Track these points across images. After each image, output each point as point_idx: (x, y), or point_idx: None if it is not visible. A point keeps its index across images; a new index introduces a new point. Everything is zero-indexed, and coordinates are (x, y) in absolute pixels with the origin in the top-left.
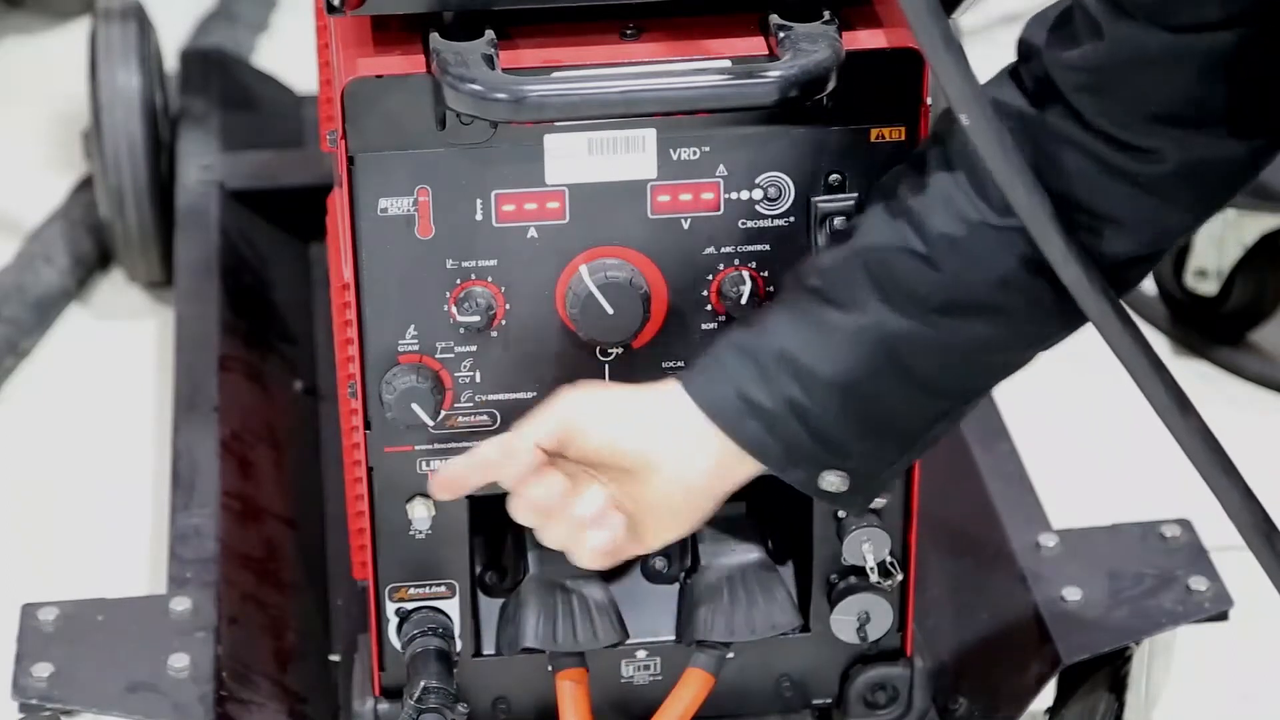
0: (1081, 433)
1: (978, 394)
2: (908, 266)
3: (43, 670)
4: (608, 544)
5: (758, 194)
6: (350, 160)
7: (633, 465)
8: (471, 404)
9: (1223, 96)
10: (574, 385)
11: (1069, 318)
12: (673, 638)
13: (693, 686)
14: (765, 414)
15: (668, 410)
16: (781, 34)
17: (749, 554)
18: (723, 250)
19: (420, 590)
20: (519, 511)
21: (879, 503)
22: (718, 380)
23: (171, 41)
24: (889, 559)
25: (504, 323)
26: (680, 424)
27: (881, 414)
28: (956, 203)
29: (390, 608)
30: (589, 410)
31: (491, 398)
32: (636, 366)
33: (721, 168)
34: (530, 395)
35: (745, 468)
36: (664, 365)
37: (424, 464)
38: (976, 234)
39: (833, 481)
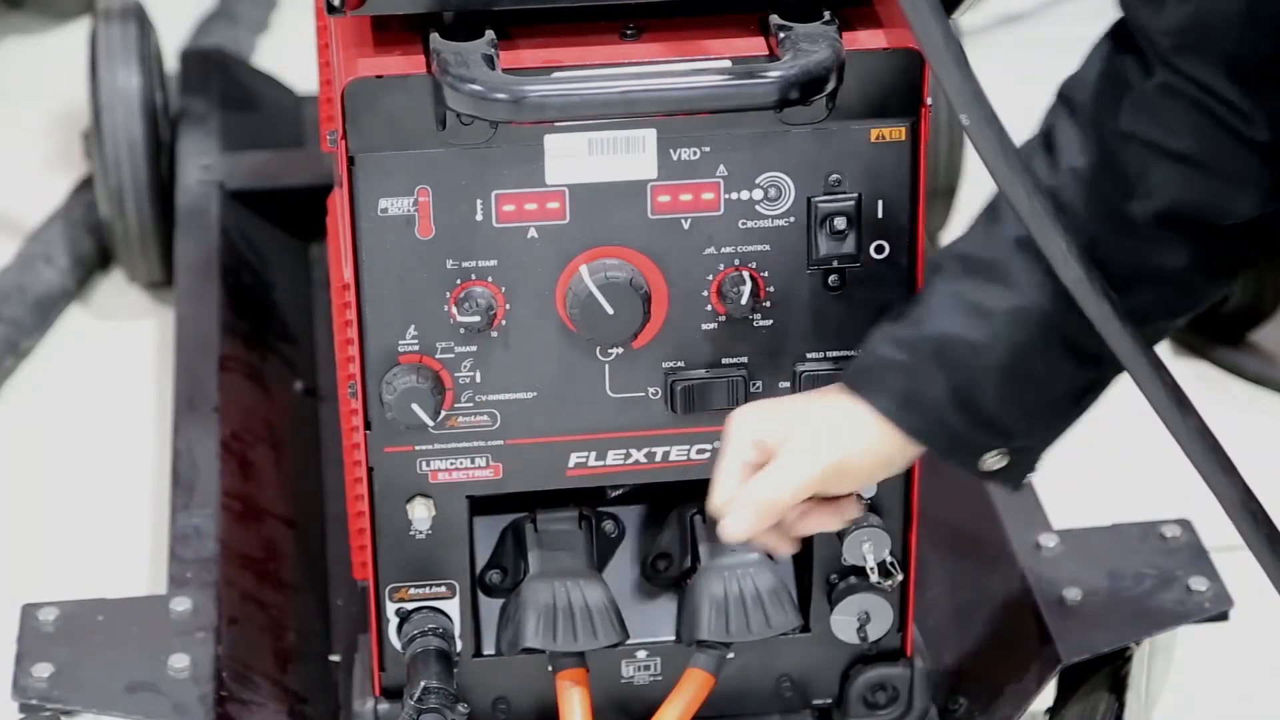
0: (1081, 433)
1: None
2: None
3: (43, 670)
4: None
5: (758, 194)
6: (350, 160)
7: (831, 470)
8: (471, 404)
9: None
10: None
11: (1213, 274)
12: (673, 638)
13: (693, 686)
14: (927, 406)
15: (837, 413)
16: (781, 34)
17: (749, 554)
18: (723, 250)
19: (420, 590)
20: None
21: (870, 491)
22: (878, 378)
23: (171, 41)
24: (889, 559)
25: (504, 323)
26: (854, 424)
27: (1041, 392)
28: (1085, 161)
29: (390, 608)
30: (796, 429)
31: (491, 398)
32: (637, 367)
33: (721, 168)
34: (530, 395)
35: (917, 449)
36: (664, 365)
37: (424, 464)
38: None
39: (993, 461)
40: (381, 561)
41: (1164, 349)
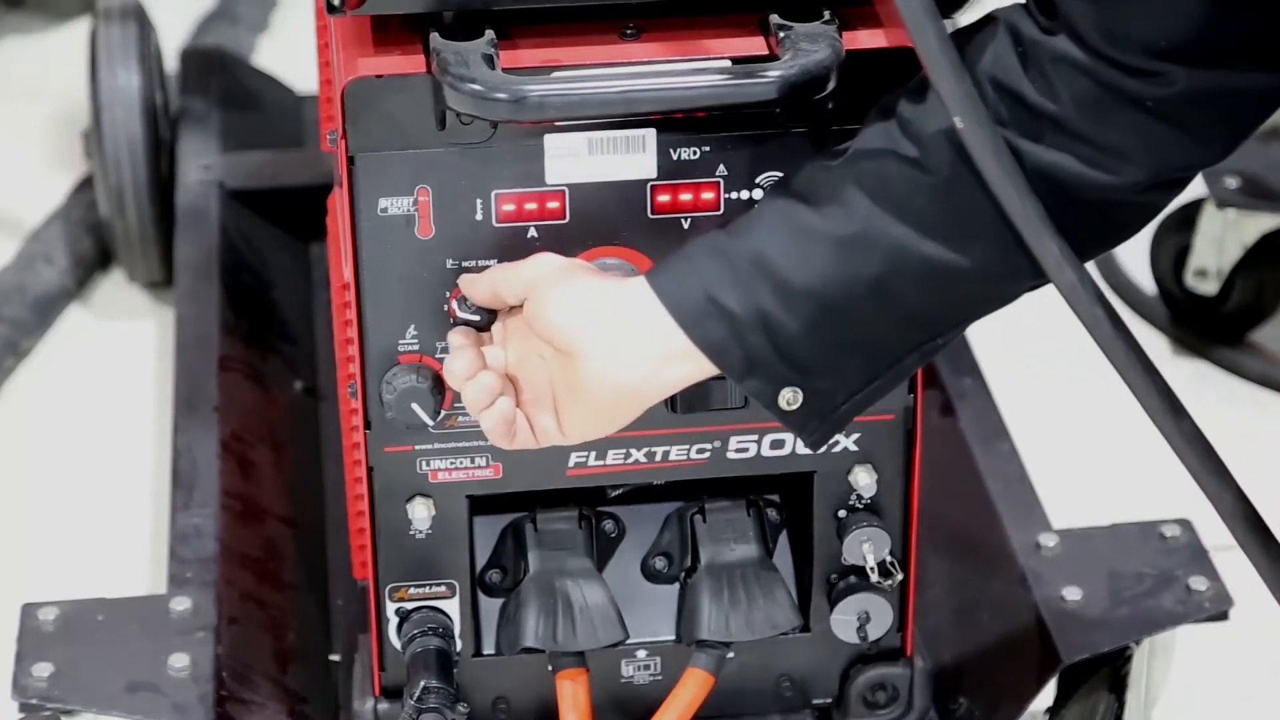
0: (1081, 433)
1: (954, 328)
2: (899, 171)
3: (43, 670)
4: (499, 424)
5: (758, 194)
6: (350, 160)
7: (566, 348)
8: None
9: (1236, 26)
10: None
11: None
12: (673, 638)
13: (693, 686)
14: (730, 317)
15: (621, 301)
16: (781, 34)
17: (749, 554)
18: None
19: (420, 590)
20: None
21: (870, 491)
22: (685, 277)
23: (171, 41)
24: (889, 559)
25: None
26: (628, 317)
27: (851, 335)
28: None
29: (390, 608)
30: (551, 284)
31: None
32: None
33: (721, 168)
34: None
35: (683, 369)
36: None
37: (424, 464)
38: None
39: (788, 399)
40: (381, 561)
41: (1163, 349)
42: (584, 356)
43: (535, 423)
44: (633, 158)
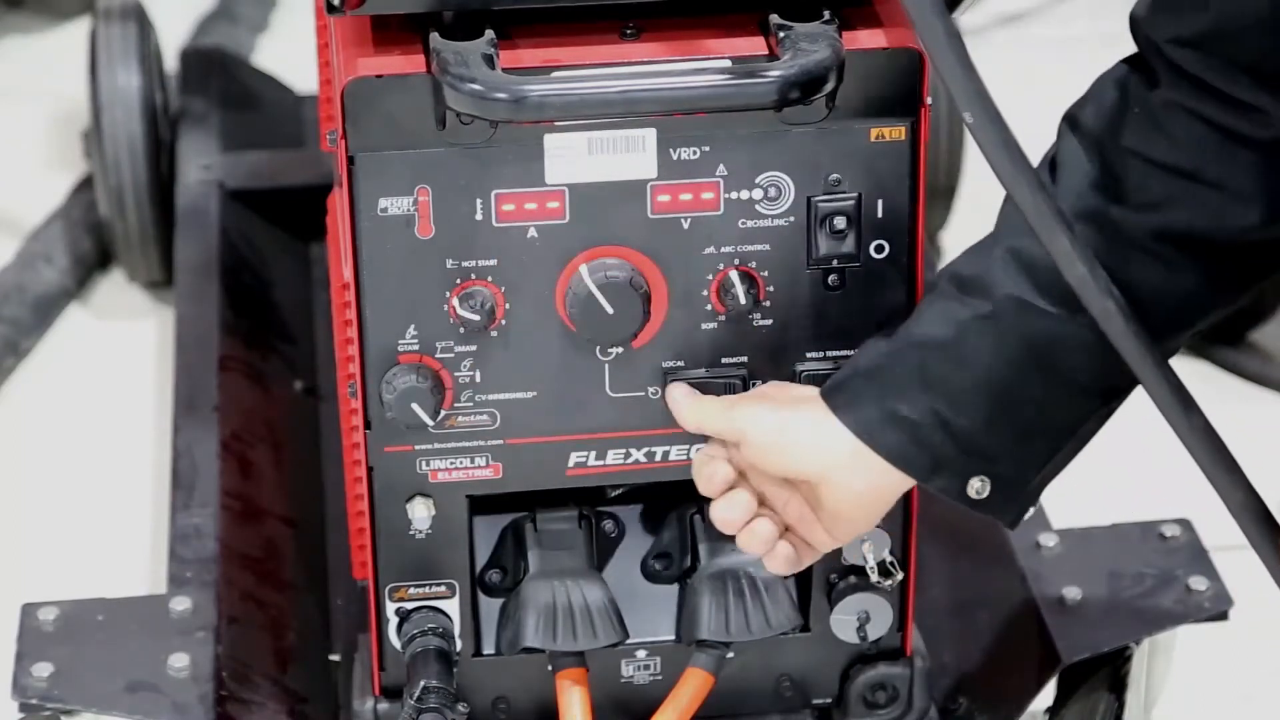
0: None
1: (1126, 391)
2: (1034, 246)
3: (43, 670)
4: (783, 566)
5: (758, 194)
6: (350, 160)
7: (803, 481)
8: (471, 404)
9: None
10: (751, 400)
11: (1222, 290)
12: (673, 638)
13: (693, 686)
14: (907, 424)
15: (820, 429)
16: (781, 34)
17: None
18: (723, 250)
19: (420, 590)
20: (714, 518)
21: None
22: (858, 394)
23: (171, 41)
24: (889, 559)
25: (504, 322)
26: (832, 442)
27: (1026, 416)
28: (1086, 179)
29: (390, 608)
30: (760, 438)
31: (491, 397)
32: (636, 366)
33: (721, 168)
34: (530, 395)
35: (902, 475)
36: (664, 365)
37: (424, 464)
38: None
39: (976, 489)
40: (381, 561)
41: None
42: (821, 483)
43: (810, 540)
44: (633, 158)
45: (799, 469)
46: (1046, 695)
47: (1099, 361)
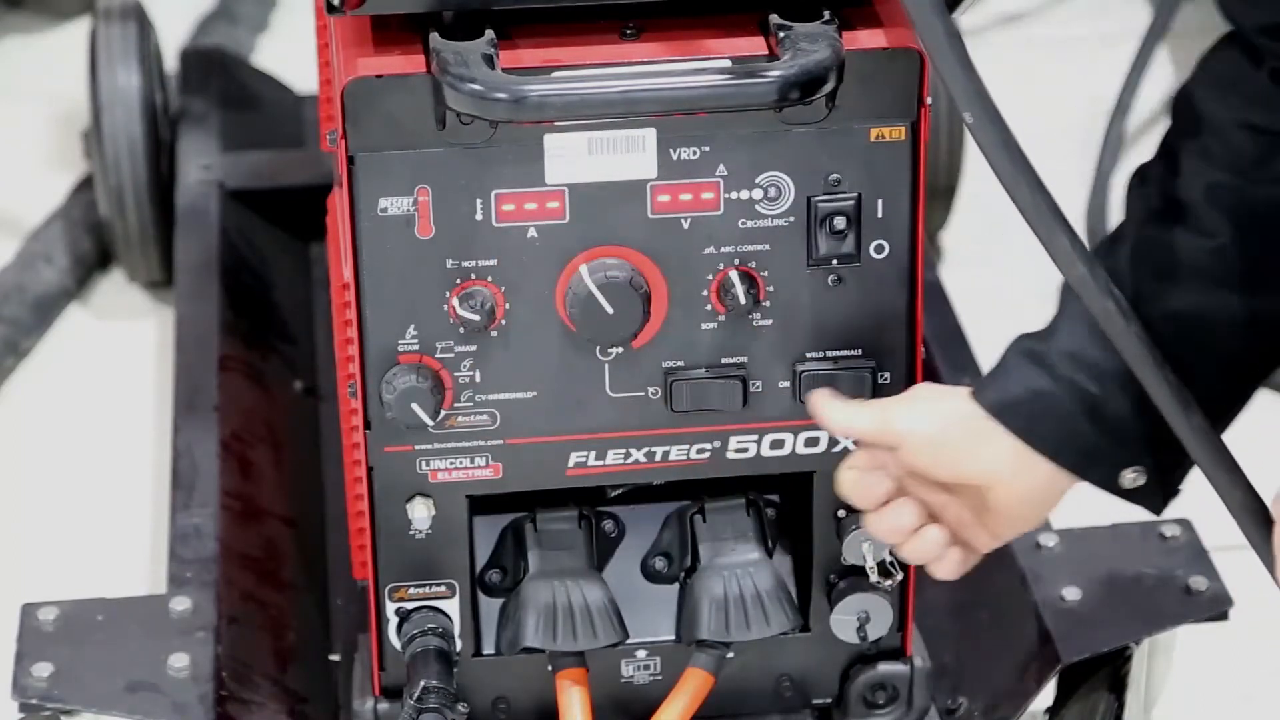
0: None
1: (1273, 368)
2: (1176, 239)
3: (43, 670)
4: (954, 571)
5: (758, 194)
6: (350, 160)
7: (966, 485)
8: (471, 404)
9: None
10: (906, 402)
11: None
12: (673, 638)
13: (693, 686)
14: (1058, 417)
15: (978, 431)
16: (781, 34)
17: (749, 554)
18: (723, 250)
19: (420, 590)
20: (878, 530)
21: None
22: (1008, 388)
23: (171, 41)
24: (889, 559)
25: (504, 322)
26: (994, 443)
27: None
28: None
29: (390, 608)
30: (921, 441)
31: (491, 397)
32: (636, 366)
33: (721, 168)
34: (530, 395)
35: (1054, 473)
36: (664, 365)
37: (424, 463)
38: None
39: (1131, 479)
40: (381, 561)
41: None
42: (988, 487)
43: (971, 541)
44: (633, 158)
45: (966, 471)
46: (1046, 695)
47: (1251, 339)
